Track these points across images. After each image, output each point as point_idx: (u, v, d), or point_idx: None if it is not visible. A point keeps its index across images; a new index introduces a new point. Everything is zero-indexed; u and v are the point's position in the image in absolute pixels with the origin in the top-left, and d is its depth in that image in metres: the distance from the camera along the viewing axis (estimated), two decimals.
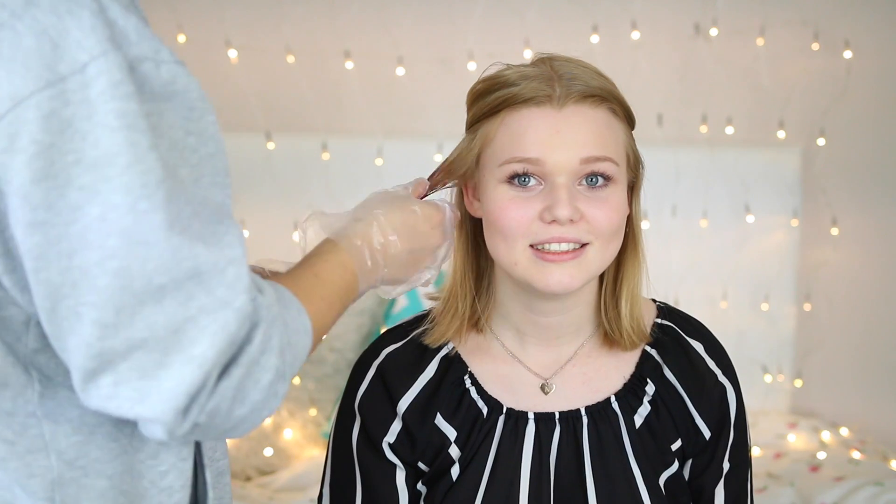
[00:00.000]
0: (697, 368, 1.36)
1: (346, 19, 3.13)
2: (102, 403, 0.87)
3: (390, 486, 1.33)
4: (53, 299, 0.85)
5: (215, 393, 0.88)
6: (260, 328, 0.89)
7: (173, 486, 0.99)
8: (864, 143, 3.12)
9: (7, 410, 0.92)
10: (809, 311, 3.19)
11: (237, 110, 3.11)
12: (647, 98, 3.08)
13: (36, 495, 0.93)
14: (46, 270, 0.85)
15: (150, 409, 0.86)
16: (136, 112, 0.84)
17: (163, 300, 0.85)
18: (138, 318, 0.85)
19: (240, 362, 0.88)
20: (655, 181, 3.08)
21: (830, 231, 3.14)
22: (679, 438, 1.33)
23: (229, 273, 0.88)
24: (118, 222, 0.83)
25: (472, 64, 3.05)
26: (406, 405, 1.33)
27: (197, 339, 0.86)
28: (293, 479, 2.69)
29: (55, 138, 0.83)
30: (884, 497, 2.48)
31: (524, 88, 1.24)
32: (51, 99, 0.83)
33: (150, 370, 0.85)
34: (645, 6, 3.11)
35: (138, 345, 0.85)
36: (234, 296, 0.87)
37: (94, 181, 0.83)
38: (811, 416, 3.13)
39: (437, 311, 1.36)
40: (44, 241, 0.84)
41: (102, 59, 0.83)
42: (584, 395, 1.34)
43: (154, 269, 0.85)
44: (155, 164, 0.84)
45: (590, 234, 1.25)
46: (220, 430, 0.91)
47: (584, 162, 1.24)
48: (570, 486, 1.30)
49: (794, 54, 3.13)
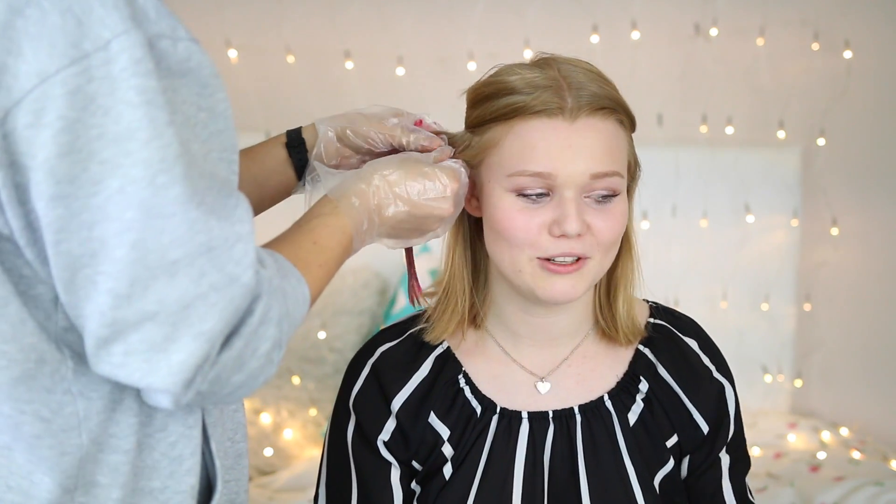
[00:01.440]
0: (693, 365, 1.36)
1: (346, 19, 3.13)
2: (113, 371, 0.90)
3: (385, 484, 1.33)
4: (72, 269, 0.88)
5: (217, 363, 0.91)
6: (261, 300, 0.93)
7: (183, 455, 1.01)
8: (864, 142, 3.12)
9: (46, 387, 0.94)
10: (809, 311, 3.19)
11: (237, 110, 3.08)
12: (647, 98, 3.08)
13: (65, 473, 0.95)
14: (68, 242, 0.87)
15: (160, 381, 0.89)
16: (155, 89, 0.87)
17: (175, 275, 0.88)
18: (151, 292, 0.87)
19: (241, 333, 0.92)
20: (655, 181, 3.11)
21: (830, 231, 3.14)
22: (675, 434, 1.34)
23: (238, 249, 0.91)
24: (137, 195, 0.86)
25: (472, 64, 3.05)
26: (400, 403, 1.33)
27: (206, 315, 0.89)
28: (293, 479, 2.69)
29: (80, 114, 0.85)
30: (884, 497, 2.48)
31: (536, 99, 1.23)
32: (76, 75, 0.85)
33: (160, 343, 0.88)
34: (645, 6, 3.11)
35: (149, 317, 0.88)
36: (242, 271, 0.90)
37: (116, 155, 0.86)
38: (811, 416, 3.13)
39: (433, 309, 1.36)
40: (66, 213, 0.86)
41: (125, 36, 0.86)
42: (578, 394, 1.34)
43: (170, 242, 0.87)
44: (173, 140, 0.87)
45: (592, 249, 1.25)
46: (218, 396, 0.95)
47: (594, 177, 1.24)
48: (563, 485, 1.30)
49: (794, 54, 3.13)
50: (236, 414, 1.11)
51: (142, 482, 0.99)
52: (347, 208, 1.14)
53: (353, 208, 1.14)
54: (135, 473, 0.99)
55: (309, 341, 2.98)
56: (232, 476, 1.08)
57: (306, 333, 2.97)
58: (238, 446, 1.10)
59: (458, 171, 1.24)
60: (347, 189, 1.16)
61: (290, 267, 1.02)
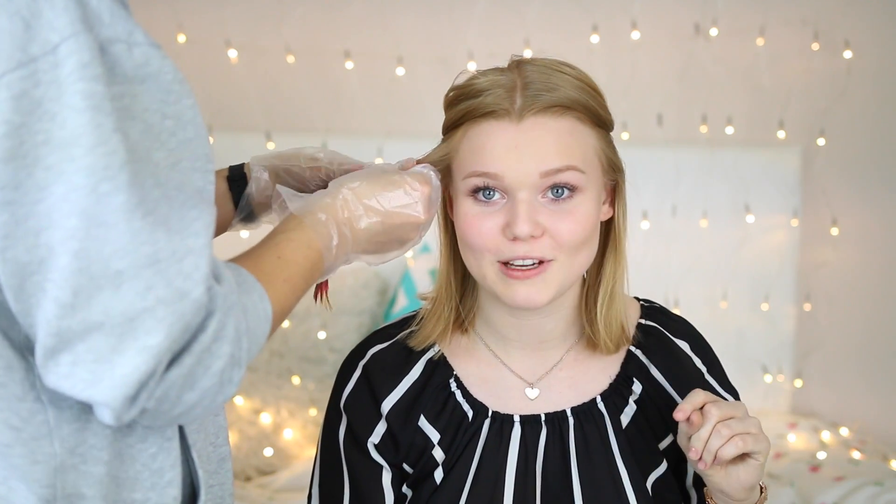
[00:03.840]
0: (685, 367, 1.36)
1: (346, 19, 3.13)
2: (59, 382, 0.88)
3: (376, 486, 1.33)
4: (21, 276, 0.86)
5: (164, 380, 0.88)
6: (214, 317, 0.90)
7: (163, 467, 0.99)
8: (864, 142, 3.12)
9: (17, 395, 0.93)
10: (809, 311, 3.19)
11: (237, 110, 3.11)
12: (647, 98, 3.08)
13: (39, 482, 0.93)
14: (13, 248, 0.86)
15: (101, 394, 0.87)
16: (102, 94, 0.84)
17: (120, 287, 0.86)
18: (95, 302, 0.85)
19: (191, 350, 0.89)
20: (655, 181, 3.11)
21: (830, 231, 3.14)
22: (669, 435, 1.33)
23: (188, 263, 0.88)
24: (79, 203, 0.84)
25: (472, 64, 3.05)
26: (390, 406, 1.32)
27: (152, 329, 0.86)
28: (293, 479, 2.69)
29: (25, 118, 0.83)
30: (884, 497, 2.48)
31: (483, 101, 1.23)
32: (22, 79, 0.83)
33: (105, 354, 0.86)
34: (645, 6, 3.11)
35: (95, 328, 0.86)
36: (192, 286, 0.88)
37: (60, 161, 0.84)
38: (811, 416, 3.13)
39: (424, 312, 1.36)
40: (11, 219, 0.85)
41: (73, 39, 0.84)
42: (570, 397, 1.33)
43: (112, 252, 0.85)
44: (119, 146, 0.85)
45: (553, 251, 1.23)
46: (169, 415, 0.92)
47: (544, 175, 1.22)
48: (556, 489, 1.30)
49: (794, 54, 3.13)
50: (217, 418, 1.09)
51: (124, 493, 0.97)
52: (314, 223, 1.11)
53: (319, 223, 1.11)
54: (117, 485, 0.97)
55: (309, 341, 2.98)
56: (216, 480, 1.07)
57: (306, 333, 2.98)
58: (220, 450, 1.08)
59: (427, 174, 1.22)
60: (313, 205, 1.13)
61: (253, 281, 0.99)
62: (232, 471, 1.12)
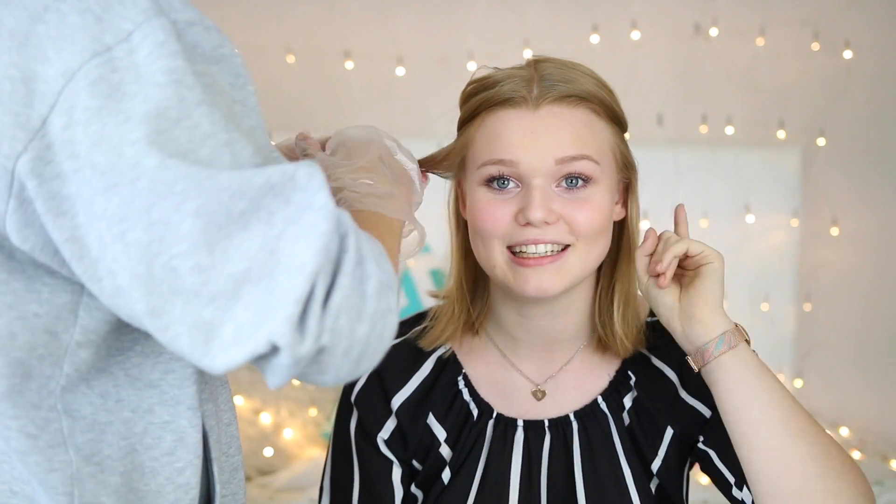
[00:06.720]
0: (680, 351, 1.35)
1: (346, 19, 3.13)
2: (229, 358, 0.84)
3: (386, 481, 1.33)
4: (147, 261, 0.84)
5: (329, 308, 0.85)
6: (350, 236, 0.87)
7: (190, 483, 0.99)
8: (864, 142, 3.12)
9: (33, 403, 0.93)
10: (809, 311, 3.19)
11: None
12: (647, 98, 3.08)
13: (55, 490, 0.93)
14: (133, 231, 0.84)
15: (269, 329, 0.83)
16: (183, 69, 0.85)
17: (248, 225, 0.84)
18: (233, 250, 0.83)
19: (343, 271, 0.86)
20: (655, 181, 3.11)
21: (830, 231, 3.14)
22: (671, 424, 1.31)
23: (300, 176, 0.85)
24: (180, 168, 0.84)
25: (472, 64, 3.05)
26: (399, 403, 1.33)
27: (294, 251, 0.84)
28: (293, 479, 2.69)
29: (104, 101, 0.84)
30: (884, 497, 2.48)
31: (500, 90, 1.24)
32: (98, 66, 0.84)
33: (263, 298, 0.83)
34: (645, 6, 3.11)
35: (243, 277, 0.83)
36: (312, 196, 0.85)
37: (147, 134, 0.84)
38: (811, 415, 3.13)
39: (437, 310, 1.36)
40: (121, 201, 0.84)
41: (146, 24, 0.85)
42: (574, 399, 1.33)
43: (230, 197, 0.84)
44: (202, 120, 0.85)
45: (570, 235, 1.23)
46: (349, 356, 0.87)
47: (559, 162, 1.22)
48: (560, 493, 1.30)
49: (794, 54, 3.14)
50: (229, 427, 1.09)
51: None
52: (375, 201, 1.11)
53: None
54: (138, 497, 0.97)
55: None
56: (229, 490, 1.07)
57: None
58: (233, 460, 1.08)
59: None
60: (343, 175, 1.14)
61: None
62: (244, 480, 1.12)
